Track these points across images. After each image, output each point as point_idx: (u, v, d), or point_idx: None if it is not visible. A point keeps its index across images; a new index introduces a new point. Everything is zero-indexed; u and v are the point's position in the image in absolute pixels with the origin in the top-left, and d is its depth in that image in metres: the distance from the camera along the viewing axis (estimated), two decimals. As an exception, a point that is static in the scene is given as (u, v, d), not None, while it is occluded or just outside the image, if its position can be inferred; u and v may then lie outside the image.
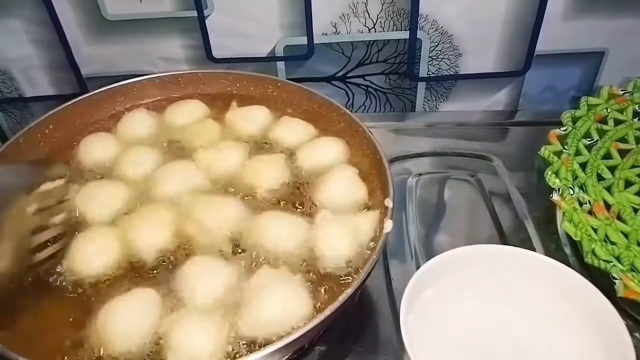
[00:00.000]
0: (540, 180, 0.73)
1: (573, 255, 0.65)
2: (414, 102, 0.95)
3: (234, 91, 0.77)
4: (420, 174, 0.79)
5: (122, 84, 0.75)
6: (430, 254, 0.67)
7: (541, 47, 0.85)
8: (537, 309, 0.54)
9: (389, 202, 0.57)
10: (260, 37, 0.86)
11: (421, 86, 0.93)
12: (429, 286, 0.54)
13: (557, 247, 0.67)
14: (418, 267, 0.64)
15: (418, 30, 0.85)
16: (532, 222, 0.71)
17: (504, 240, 0.69)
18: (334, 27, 0.85)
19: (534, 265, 0.54)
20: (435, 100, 0.95)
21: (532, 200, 0.73)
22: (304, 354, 0.57)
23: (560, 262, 0.53)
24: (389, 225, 0.55)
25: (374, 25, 0.85)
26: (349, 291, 0.49)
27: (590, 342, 0.51)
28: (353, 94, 0.94)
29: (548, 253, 0.65)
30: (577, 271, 0.52)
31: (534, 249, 0.66)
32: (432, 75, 0.91)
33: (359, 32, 0.86)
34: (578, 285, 0.52)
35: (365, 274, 0.51)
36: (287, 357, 0.53)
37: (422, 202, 0.75)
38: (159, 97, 0.77)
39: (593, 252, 0.60)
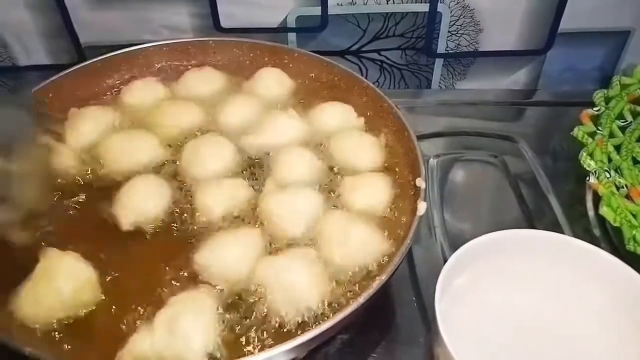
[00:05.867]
0: (565, 161, 0.70)
1: (604, 240, 0.63)
2: (430, 80, 0.91)
3: (247, 61, 0.72)
4: (439, 155, 0.75)
5: (127, 51, 0.70)
6: (454, 239, 0.64)
7: (564, 25, 0.82)
8: (571, 294, 0.52)
9: (421, 183, 0.54)
10: (272, 6, 0.81)
11: (438, 63, 0.88)
12: (461, 272, 0.52)
13: (585, 230, 0.64)
14: (442, 253, 0.62)
15: (438, 3, 0.80)
16: (558, 204, 0.67)
17: (530, 223, 0.66)
18: (350, -3, 0.80)
19: (568, 250, 0.52)
20: (452, 78, 0.91)
21: (557, 182, 0.70)
22: (327, 343, 0.54)
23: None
24: (422, 207, 0.52)
25: (393, -4, 0.80)
26: (383, 277, 0.46)
27: (626, 332, 0.49)
28: (367, 70, 0.90)
29: (576, 236, 0.62)
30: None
31: (562, 232, 0.63)
32: (451, 51, 0.86)
33: (377, 3, 0.81)
34: (618, 273, 0.50)
35: (400, 258, 0.47)
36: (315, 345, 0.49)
37: (444, 184, 0.71)
38: (165, 66, 0.72)
39: (634, 239, 0.56)
